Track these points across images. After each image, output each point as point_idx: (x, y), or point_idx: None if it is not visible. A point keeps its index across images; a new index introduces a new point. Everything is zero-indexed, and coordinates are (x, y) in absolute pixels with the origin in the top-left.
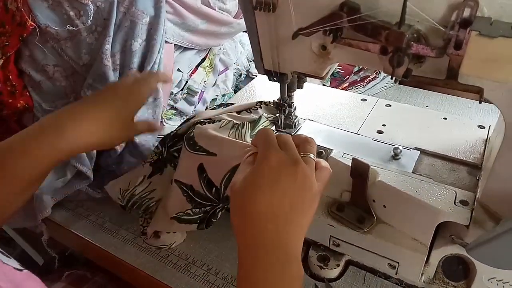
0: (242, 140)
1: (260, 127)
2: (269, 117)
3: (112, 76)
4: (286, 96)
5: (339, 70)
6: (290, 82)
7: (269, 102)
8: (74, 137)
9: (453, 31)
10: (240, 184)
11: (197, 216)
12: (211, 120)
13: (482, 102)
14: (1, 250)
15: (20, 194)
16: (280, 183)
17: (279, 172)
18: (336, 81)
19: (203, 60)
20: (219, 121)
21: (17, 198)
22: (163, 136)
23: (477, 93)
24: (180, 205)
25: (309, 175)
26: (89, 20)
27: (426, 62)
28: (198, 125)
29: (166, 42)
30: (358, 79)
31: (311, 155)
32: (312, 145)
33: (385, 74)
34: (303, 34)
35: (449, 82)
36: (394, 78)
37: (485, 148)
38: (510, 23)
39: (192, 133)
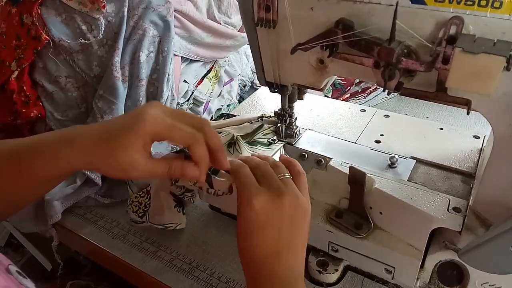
0: (239, 153)
1: (261, 134)
2: (270, 127)
3: (122, 87)
4: (287, 106)
5: (341, 81)
6: (291, 93)
7: (270, 115)
8: (67, 156)
9: (440, 47)
10: (237, 232)
11: None
12: None
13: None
14: (18, 269)
15: (33, 190)
16: (269, 225)
17: (265, 214)
18: (338, 92)
19: (208, 71)
20: (220, 133)
21: (29, 193)
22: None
23: (465, 105)
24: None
25: (294, 197)
26: (100, 34)
27: (417, 75)
28: None
29: (174, 55)
30: (359, 90)
31: (286, 175)
32: (281, 166)
33: None
34: (301, 49)
35: (439, 94)
36: (385, 90)
37: (479, 157)
38: (493, 40)
39: None
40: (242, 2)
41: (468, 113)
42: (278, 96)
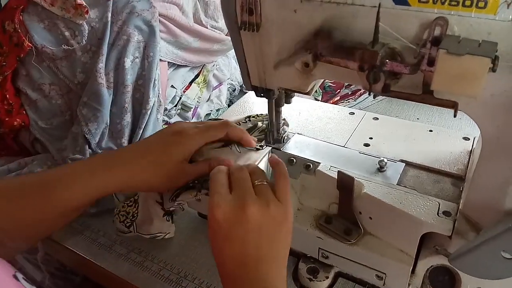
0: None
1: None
2: (260, 127)
3: (106, 94)
4: (274, 111)
5: (331, 84)
6: (278, 97)
7: (257, 115)
8: (104, 182)
9: (424, 49)
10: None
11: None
12: None
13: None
14: (24, 277)
15: (61, 219)
16: (234, 236)
17: (228, 225)
18: (328, 95)
19: (197, 76)
20: None
21: (57, 222)
22: None
23: (452, 107)
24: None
25: (263, 207)
26: (83, 40)
27: (402, 78)
28: None
29: (160, 60)
30: (350, 93)
31: (264, 182)
32: (258, 172)
33: None
34: (285, 63)
35: (425, 96)
36: (372, 93)
37: (469, 159)
38: (478, 41)
39: None
40: (225, 5)
41: (455, 116)
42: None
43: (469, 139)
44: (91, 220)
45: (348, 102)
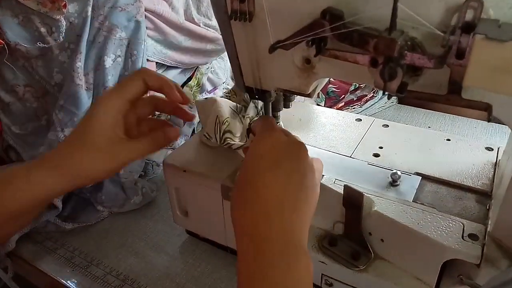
0: None
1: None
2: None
3: (85, 96)
4: (271, 116)
5: (335, 89)
6: (275, 100)
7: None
8: (41, 185)
9: (453, 37)
10: (239, 172)
11: None
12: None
13: (488, 122)
14: None
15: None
16: (282, 165)
17: (279, 151)
18: (331, 101)
19: (189, 79)
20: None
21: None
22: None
23: (485, 110)
24: None
25: (309, 158)
26: (61, 37)
27: (423, 74)
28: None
29: (147, 60)
30: (355, 99)
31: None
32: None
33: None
34: (282, 47)
35: (451, 97)
36: (387, 94)
37: (494, 172)
38: None
39: None
40: None
41: (488, 120)
42: None
43: (492, 149)
44: (66, 237)
45: (354, 108)
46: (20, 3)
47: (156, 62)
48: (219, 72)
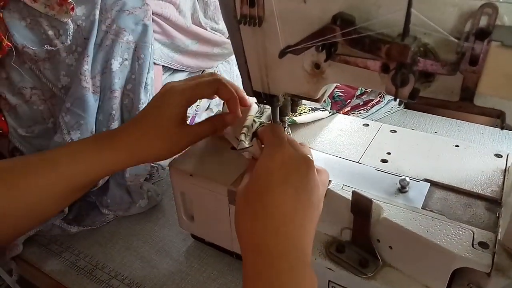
0: None
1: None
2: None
3: (92, 99)
4: (278, 120)
5: (341, 94)
6: (283, 105)
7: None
8: (110, 158)
9: (467, 43)
10: (247, 184)
11: None
12: None
13: (495, 128)
14: None
15: (63, 200)
16: (291, 181)
17: (289, 168)
18: (337, 105)
19: None
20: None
21: (59, 203)
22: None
23: (497, 118)
24: None
25: (316, 174)
26: (68, 40)
27: (435, 81)
28: None
29: (154, 63)
30: (361, 103)
31: (310, 157)
32: (308, 148)
33: (390, 98)
34: (292, 52)
35: (463, 104)
36: (398, 100)
37: (504, 179)
38: None
39: None
40: None
41: (502, 128)
42: None
43: (501, 156)
44: (72, 241)
45: (360, 113)
46: (27, 6)
47: (163, 66)
48: (225, 76)
